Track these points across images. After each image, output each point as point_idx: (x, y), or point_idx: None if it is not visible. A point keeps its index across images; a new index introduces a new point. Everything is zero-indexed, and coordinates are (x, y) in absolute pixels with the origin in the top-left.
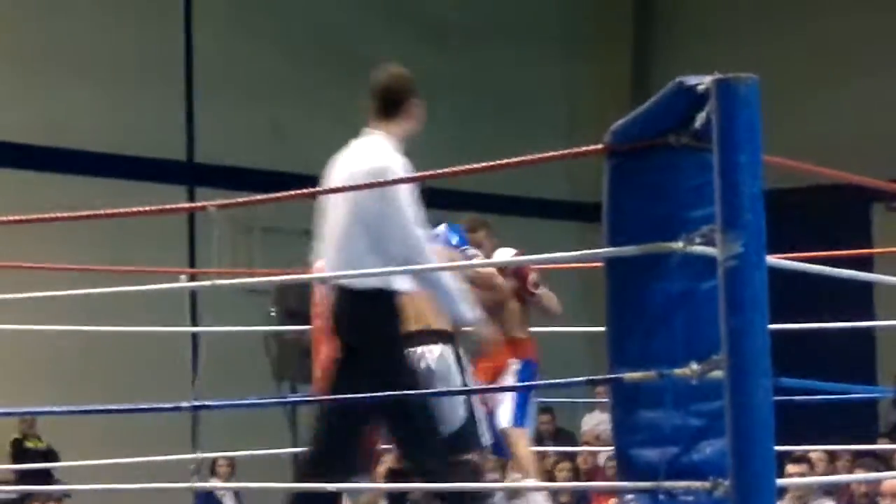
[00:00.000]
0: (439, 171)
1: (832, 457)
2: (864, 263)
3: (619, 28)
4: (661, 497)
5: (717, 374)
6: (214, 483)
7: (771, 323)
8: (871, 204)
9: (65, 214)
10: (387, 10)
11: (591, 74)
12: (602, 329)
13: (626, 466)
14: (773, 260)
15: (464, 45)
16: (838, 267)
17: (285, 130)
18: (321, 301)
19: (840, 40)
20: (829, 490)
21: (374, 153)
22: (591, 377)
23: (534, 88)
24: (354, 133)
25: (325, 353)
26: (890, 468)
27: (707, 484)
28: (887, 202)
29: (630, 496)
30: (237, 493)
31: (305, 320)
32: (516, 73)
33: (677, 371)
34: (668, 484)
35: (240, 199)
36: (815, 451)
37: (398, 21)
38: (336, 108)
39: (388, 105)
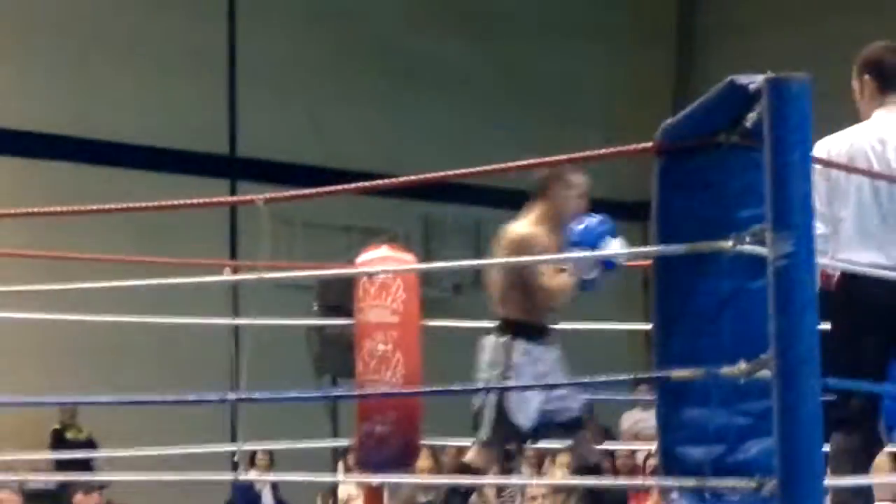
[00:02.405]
0: (484, 167)
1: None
2: None
3: (661, 24)
4: (707, 495)
5: (765, 373)
6: (254, 475)
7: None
8: None
9: (109, 206)
10: (428, 2)
11: (632, 70)
12: (642, 326)
13: (672, 464)
14: (823, 260)
15: (504, 38)
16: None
17: (325, 125)
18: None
19: (887, 37)
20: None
21: None
22: (637, 374)
23: (574, 83)
24: (395, 128)
25: None
26: None
27: (753, 483)
28: None
29: (675, 494)
30: (275, 486)
31: (348, 315)
32: (557, 67)
33: (725, 370)
34: (713, 482)
35: (288, 193)
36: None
37: (439, 14)
38: (377, 103)
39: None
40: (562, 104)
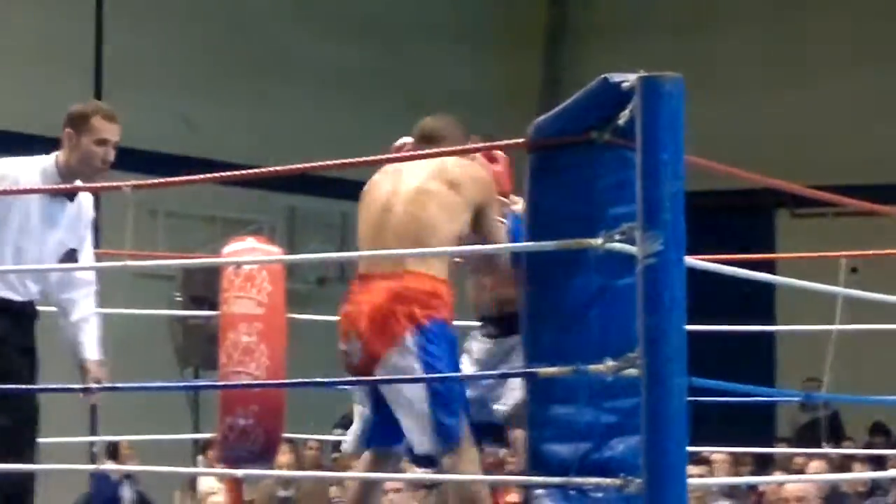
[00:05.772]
0: (348, 160)
1: (734, 459)
2: (768, 269)
3: (530, 25)
4: (572, 493)
5: (632, 371)
6: (116, 466)
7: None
8: (776, 210)
9: None
10: (301, 2)
11: (501, 71)
12: None
13: (538, 461)
14: (690, 260)
15: (377, 41)
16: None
17: (195, 119)
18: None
19: (751, 45)
20: (728, 493)
21: None
22: (505, 371)
23: (445, 86)
24: (263, 121)
25: None
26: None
27: (618, 481)
28: (792, 208)
29: (540, 491)
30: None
31: (211, 306)
32: (428, 70)
33: (592, 367)
34: (578, 480)
35: (155, 181)
36: (719, 452)
37: (311, 14)
38: (247, 96)
39: None
40: (431, 104)
